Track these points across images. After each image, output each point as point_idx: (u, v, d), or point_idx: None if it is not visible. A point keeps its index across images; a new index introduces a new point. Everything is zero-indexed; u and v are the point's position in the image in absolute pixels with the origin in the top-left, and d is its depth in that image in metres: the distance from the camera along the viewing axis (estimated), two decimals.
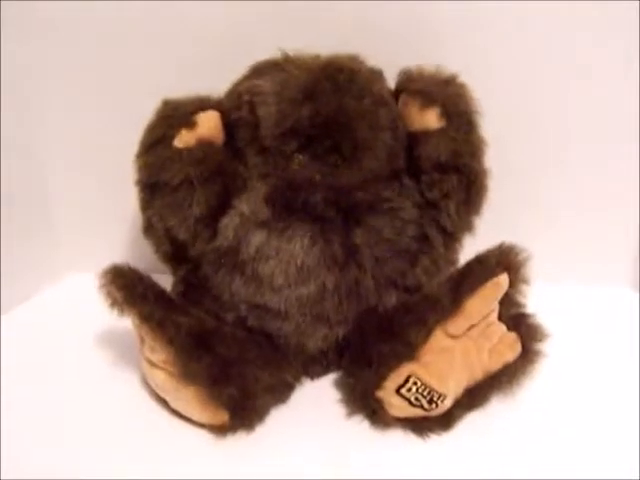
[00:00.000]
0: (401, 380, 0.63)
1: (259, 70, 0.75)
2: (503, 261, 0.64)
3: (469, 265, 0.66)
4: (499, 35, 0.91)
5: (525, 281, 0.66)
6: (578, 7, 0.89)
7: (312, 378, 0.75)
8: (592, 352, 0.84)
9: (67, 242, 1.05)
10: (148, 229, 0.75)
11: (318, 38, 0.76)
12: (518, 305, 0.68)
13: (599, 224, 1.02)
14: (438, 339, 0.64)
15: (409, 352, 0.63)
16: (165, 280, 0.76)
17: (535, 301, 0.69)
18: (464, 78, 0.74)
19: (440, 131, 0.71)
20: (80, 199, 1.03)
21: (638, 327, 0.91)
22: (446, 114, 0.71)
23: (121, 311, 0.64)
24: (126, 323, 0.66)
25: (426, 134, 0.72)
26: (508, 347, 0.67)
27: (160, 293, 0.66)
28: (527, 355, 0.68)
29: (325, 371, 0.76)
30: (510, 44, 0.92)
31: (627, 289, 1.06)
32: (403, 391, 0.63)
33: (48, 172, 1.01)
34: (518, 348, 0.67)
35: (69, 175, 1.02)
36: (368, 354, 0.65)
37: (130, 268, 0.67)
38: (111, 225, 1.04)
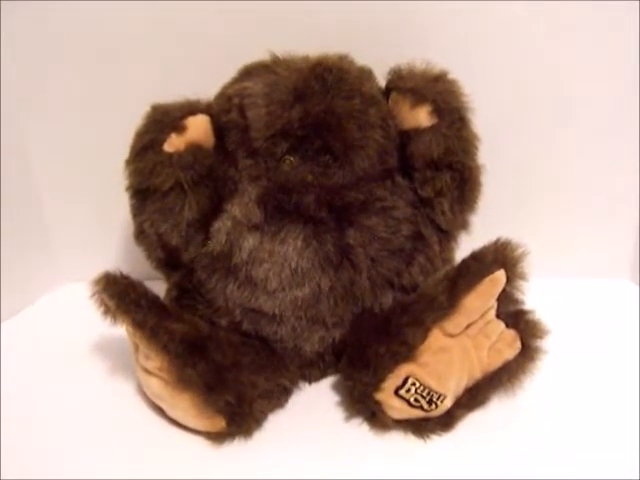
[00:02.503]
0: (399, 381, 0.62)
1: (248, 72, 0.75)
2: (499, 257, 0.63)
3: (465, 262, 0.65)
4: (489, 30, 0.91)
5: (522, 277, 0.65)
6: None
7: (310, 382, 0.75)
8: (593, 347, 0.83)
9: (63, 254, 1.05)
10: (140, 235, 0.74)
11: (307, 40, 0.75)
12: (516, 302, 0.67)
13: (597, 216, 1.02)
14: (436, 338, 0.64)
15: (407, 352, 0.63)
16: (160, 287, 0.76)
17: (534, 296, 0.68)
18: (454, 74, 0.73)
19: (432, 128, 0.71)
20: (75, 210, 1.03)
21: (639, 319, 0.90)
22: (437, 111, 0.70)
23: (114, 319, 0.64)
24: (121, 331, 0.66)
25: (418, 132, 0.71)
26: (507, 345, 0.66)
27: (153, 300, 0.66)
28: (527, 352, 0.67)
29: (323, 374, 0.75)
30: (500, 39, 0.92)
31: (627, 281, 1.05)
32: (402, 392, 0.62)
33: (43, 187, 1.01)
34: (518, 345, 0.67)
35: (64, 189, 1.02)
36: (365, 356, 0.64)
37: (122, 275, 0.66)
38: (106, 236, 1.03)
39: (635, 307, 0.95)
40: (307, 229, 0.67)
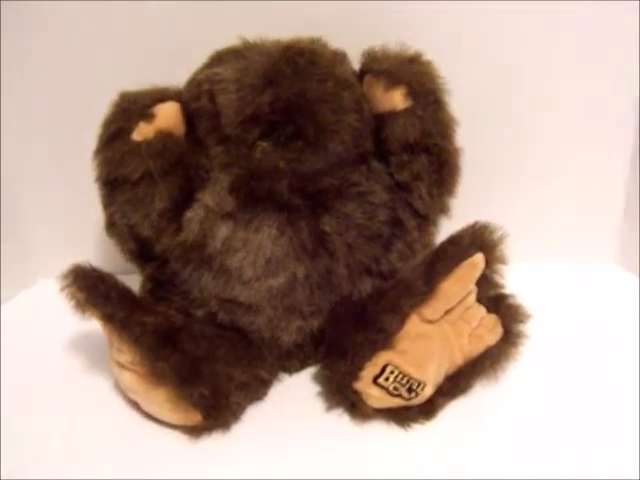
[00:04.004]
0: (377, 370, 0.61)
1: (219, 58, 0.74)
2: (477, 240, 0.63)
3: (442, 246, 0.64)
4: (465, 12, 0.89)
5: (502, 260, 0.64)
6: None
7: (290, 373, 0.73)
8: (579, 331, 0.82)
9: (41, 250, 1.04)
10: (111, 227, 0.73)
11: (281, 24, 0.74)
12: (496, 286, 0.66)
13: (581, 200, 1.01)
14: (414, 325, 0.63)
15: (384, 340, 0.61)
16: (138, 280, 0.75)
17: (519, 281, 0.68)
18: (430, 56, 0.72)
19: (407, 111, 0.70)
20: (51, 207, 1.02)
21: (624, 303, 0.90)
22: (412, 93, 0.69)
23: (83, 312, 0.63)
24: (98, 327, 0.64)
25: (393, 115, 0.70)
26: (489, 330, 0.66)
27: (124, 292, 0.64)
28: (509, 337, 0.66)
29: (303, 365, 0.74)
30: (476, 21, 0.91)
31: (613, 265, 1.04)
32: (381, 381, 0.61)
33: (19, 184, 1.00)
34: (499, 330, 0.66)
35: (39, 183, 1.01)
36: (343, 345, 0.63)
37: (92, 268, 0.65)
38: (83, 231, 1.02)
39: (621, 291, 0.94)
40: (281, 216, 0.66)
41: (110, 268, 0.66)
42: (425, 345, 0.62)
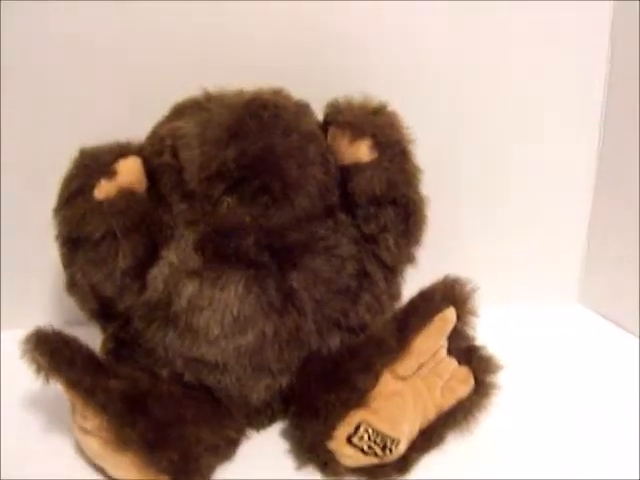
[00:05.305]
0: (351, 429, 0.60)
1: (180, 111, 0.72)
2: (448, 295, 0.63)
3: (413, 302, 0.64)
4: (428, 58, 0.91)
5: (473, 313, 0.65)
6: (509, 22, 0.91)
7: (258, 430, 0.72)
8: (547, 376, 0.83)
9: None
10: (72, 286, 0.70)
11: (242, 73, 0.74)
12: (467, 338, 0.67)
13: (544, 241, 1.02)
14: (387, 382, 0.62)
15: (357, 399, 0.61)
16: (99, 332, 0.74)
17: (486, 326, 0.68)
18: (393, 106, 0.72)
19: (373, 163, 0.69)
20: (12, 257, 0.98)
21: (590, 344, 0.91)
22: (378, 145, 0.69)
23: (46, 378, 0.61)
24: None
25: (359, 167, 0.70)
26: (460, 382, 0.66)
27: (88, 357, 0.63)
28: (481, 389, 0.66)
29: (271, 421, 0.73)
30: (439, 71, 0.91)
31: (575, 304, 1.05)
32: (355, 440, 0.60)
33: None
34: (471, 382, 0.66)
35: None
36: (315, 403, 0.63)
37: (55, 332, 0.63)
38: (43, 281, 0.98)
39: (586, 331, 0.95)
40: (248, 274, 0.64)
41: (72, 318, 0.64)
42: (399, 402, 0.62)
